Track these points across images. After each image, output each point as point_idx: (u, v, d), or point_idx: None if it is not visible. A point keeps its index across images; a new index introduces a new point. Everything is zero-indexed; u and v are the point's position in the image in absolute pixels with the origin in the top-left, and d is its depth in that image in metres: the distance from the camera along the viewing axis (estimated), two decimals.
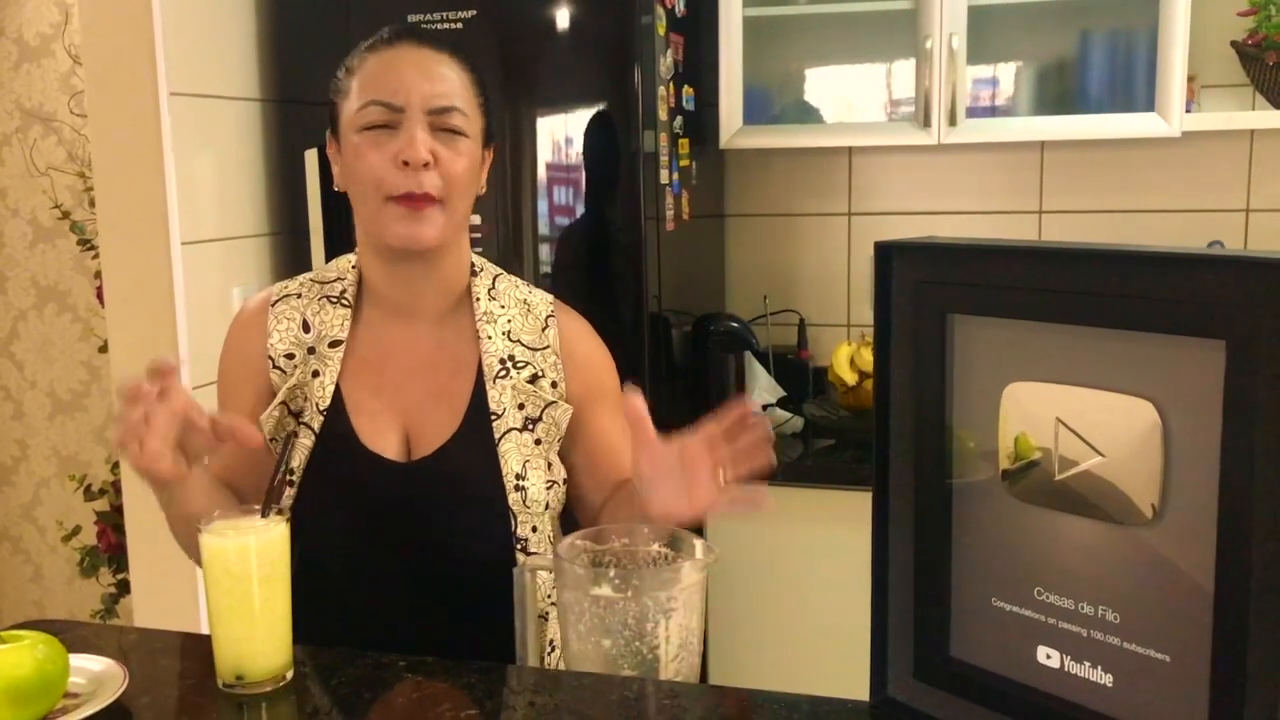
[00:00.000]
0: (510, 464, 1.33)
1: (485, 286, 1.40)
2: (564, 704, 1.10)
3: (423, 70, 1.30)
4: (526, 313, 1.41)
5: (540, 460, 1.36)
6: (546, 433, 1.38)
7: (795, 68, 2.85)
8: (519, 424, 1.35)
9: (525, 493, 1.33)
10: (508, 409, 1.35)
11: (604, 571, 1.15)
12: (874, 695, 1.05)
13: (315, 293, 1.39)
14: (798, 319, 2.94)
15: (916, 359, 0.99)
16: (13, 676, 0.99)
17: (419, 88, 1.28)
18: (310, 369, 1.35)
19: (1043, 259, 0.91)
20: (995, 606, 0.97)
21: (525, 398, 1.36)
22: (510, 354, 1.37)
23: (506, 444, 1.34)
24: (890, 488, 1.03)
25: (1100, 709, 0.90)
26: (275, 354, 1.37)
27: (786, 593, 2.49)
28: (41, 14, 3.50)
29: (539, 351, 1.39)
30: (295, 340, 1.37)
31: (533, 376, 1.38)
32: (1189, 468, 0.83)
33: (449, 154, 1.29)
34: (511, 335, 1.39)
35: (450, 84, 1.31)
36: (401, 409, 1.35)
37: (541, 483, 1.36)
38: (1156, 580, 0.86)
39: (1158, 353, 0.83)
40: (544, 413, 1.37)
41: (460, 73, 1.33)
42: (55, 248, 3.62)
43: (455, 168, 1.29)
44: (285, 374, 1.36)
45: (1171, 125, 2.42)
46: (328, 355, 1.35)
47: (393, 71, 1.29)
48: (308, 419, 1.33)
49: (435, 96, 1.28)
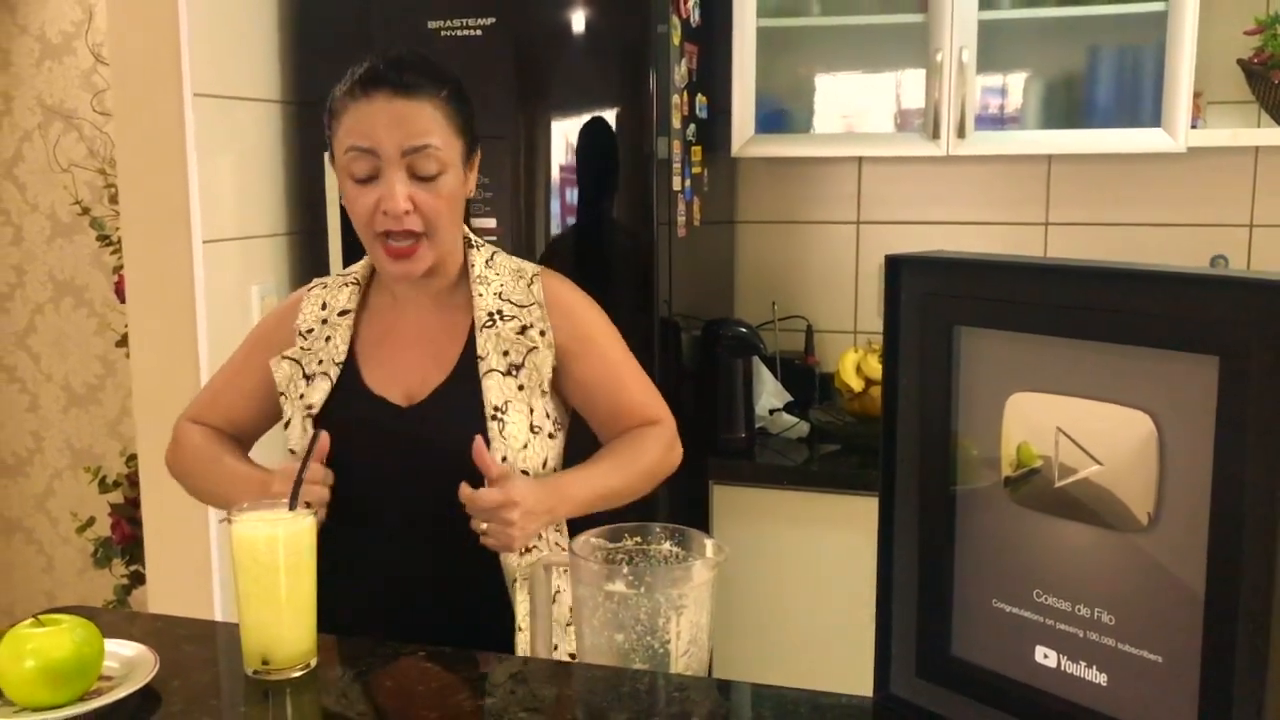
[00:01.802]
0: (490, 398, 1.48)
1: (483, 259, 1.58)
2: (577, 695, 1.14)
3: (395, 118, 1.43)
4: (517, 278, 1.58)
5: (522, 404, 1.50)
6: (528, 378, 1.52)
7: (807, 78, 2.89)
8: (502, 368, 1.51)
9: (503, 424, 1.47)
10: (491, 353, 1.51)
11: (618, 568, 1.19)
12: (877, 691, 1.09)
13: (338, 282, 1.62)
14: (805, 325, 2.98)
15: (923, 368, 1.03)
16: (52, 658, 1.04)
17: (391, 135, 1.42)
18: (324, 335, 1.56)
19: (1046, 275, 0.95)
20: (995, 607, 1.01)
21: (509, 345, 1.52)
22: (499, 309, 1.54)
23: (489, 382, 1.50)
24: (896, 492, 1.07)
25: (1095, 707, 0.94)
26: (297, 329, 1.58)
27: (791, 594, 2.53)
28: (64, 12, 3.55)
29: (526, 307, 1.55)
30: (316, 318, 1.59)
31: (521, 328, 1.53)
32: (1183, 478, 0.87)
33: (427, 196, 1.44)
34: (502, 295, 1.55)
35: (422, 126, 1.43)
36: (404, 368, 1.53)
37: (523, 423, 1.49)
38: (1150, 585, 0.90)
39: (1155, 367, 0.87)
40: (526, 358, 1.52)
41: (433, 110, 1.45)
42: (73, 243, 3.67)
43: (434, 206, 1.45)
44: (304, 337, 1.57)
45: (1177, 141, 2.45)
46: (338, 322, 1.56)
47: (367, 122, 1.43)
48: (326, 370, 1.53)
49: (406, 139, 1.42)
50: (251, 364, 1.62)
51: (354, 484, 1.45)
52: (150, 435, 2.37)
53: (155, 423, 2.36)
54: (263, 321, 1.68)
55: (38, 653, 1.04)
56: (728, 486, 2.58)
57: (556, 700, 1.14)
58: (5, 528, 3.90)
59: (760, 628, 2.53)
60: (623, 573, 1.18)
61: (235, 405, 1.63)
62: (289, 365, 1.56)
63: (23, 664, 1.03)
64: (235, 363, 1.66)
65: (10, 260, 3.75)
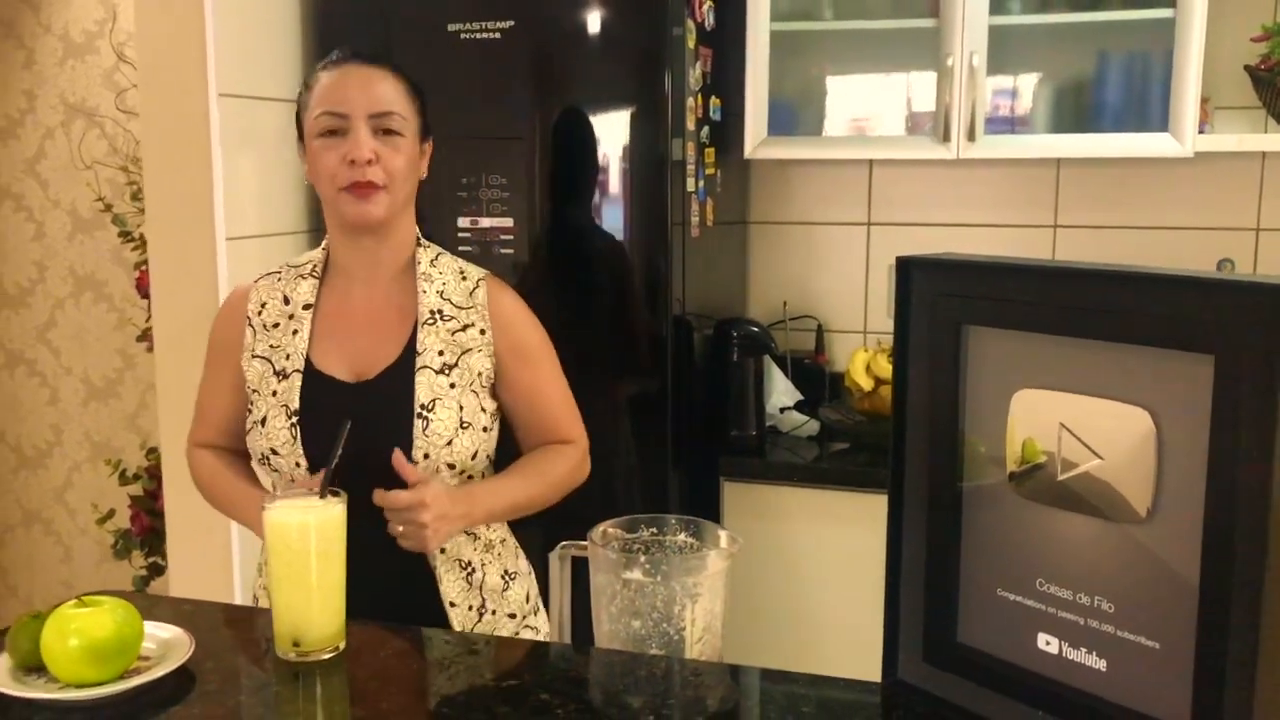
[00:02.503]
0: (419, 394, 1.57)
1: (429, 258, 1.68)
2: (596, 678, 1.19)
3: (364, 84, 1.57)
4: (460, 279, 1.68)
5: (452, 401, 1.59)
6: (460, 377, 1.60)
7: (819, 81, 2.93)
8: (436, 365, 1.60)
9: (428, 422, 1.56)
10: (428, 350, 1.60)
11: (635, 557, 1.23)
12: (885, 677, 1.13)
13: (291, 274, 1.69)
14: (816, 325, 3.02)
15: (932, 366, 1.07)
16: (95, 637, 1.08)
17: (361, 98, 1.56)
18: (291, 329, 1.64)
19: (1050, 277, 0.99)
20: (1000, 596, 1.05)
21: (445, 345, 1.61)
22: (440, 308, 1.63)
23: (420, 378, 1.58)
24: (905, 485, 1.11)
25: (1095, 691, 0.98)
26: (261, 324, 1.65)
27: (802, 588, 2.57)
28: (87, 11, 3.60)
29: (466, 310, 1.64)
30: (279, 311, 1.66)
31: (461, 327, 1.63)
32: (1180, 472, 0.91)
33: (388, 151, 1.57)
34: (444, 295, 1.65)
35: (387, 93, 1.58)
36: (356, 349, 1.63)
37: (451, 419, 1.58)
38: (1148, 574, 0.94)
39: (1153, 365, 0.91)
40: (460, 359, 1.61)
41: (396, 83, 1.60)
42: (94, 239, 3.72)
43: (394, 162, 1.57)
44: (269, 332, 1.64)
45: (1184, 146, 2.49)
46: (302, 316, 1.64)
47: (340, 86, 1.57)
48: (295, 365, 1.61)
49: (375, 103, 1.56)
50: (222, 373, 1.68)
51: (305, 457, 1.54)
52: (173, 427, 2.42)
53: (178, 415, 2.41)
54: (213, 333, 1.73)
55: (81, 632, 1.08)
56: (739, 483, 2.62)
57: (576, 683, 1.18)
58: (25, 519, 3.96)
59: (772, 622, 2.57)
60: (640, 561, 1.22)
61: (225, 415, 1.69)
62: (260, 364, 1.63)
63: (67, 642, 1.08)
64: (207, 379, 1.73)
65: (32, 256, 3.81)
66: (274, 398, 1.58)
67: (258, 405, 1.60)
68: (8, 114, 3.75)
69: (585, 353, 2.05)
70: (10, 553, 4.00)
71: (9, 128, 3.76)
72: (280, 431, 1.56)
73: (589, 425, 1.74)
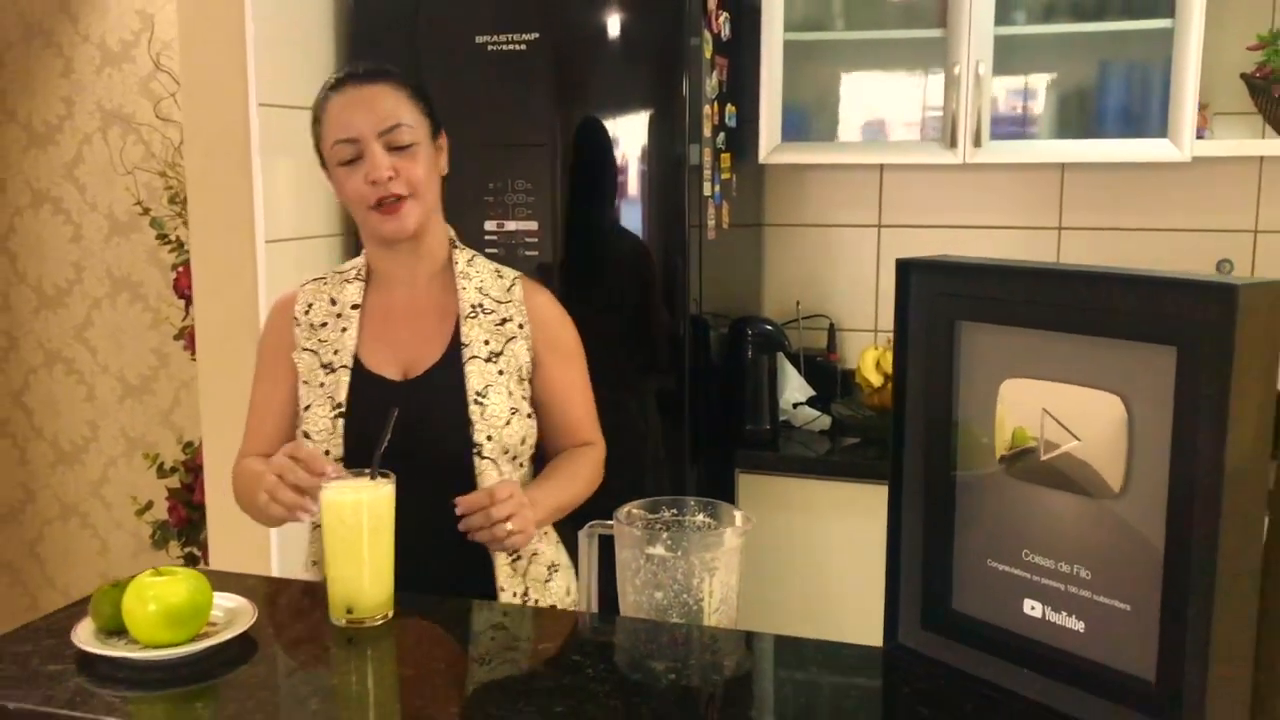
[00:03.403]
0: (472, 383, 1.67)
1: (465, 259, 1.78)
2: (622, 644, 1.30)
3: (367, 104, 1.65)
4: (496, 278, 1.77)
5: (502, 387, 1.68)
6: (508, 364, 1.70)
7: (831, 89, 3.03)
8: (484, 355, 1.69)
9: (484, 407, 1.66)
10: (474, 342, 1.70)
11: (658, 534, 1.34)
12: (887, 642, 1.23)
13: (337, 279, 1.79)
14: (828, 324, 3.12)
15: (929, 358, 1.18)
16: (170, 603, 1.20)
17: (368, 119, 1.64)
18: (340, 327, 1.73)
19: (1034, 277, 1.10)
20: (990, 566, 1.16)
21: (490, 335, 1.71)
22: (480, 303, 1.73)
23: (471, 368, 1.68)
24: (905, 467, 1.22)
25: (1074, 650, 1.09)
26: (309, 323, 1.74)
27: (814, 574, 2.67)
28: (124, 22, 3.73)
29: (505, 304, 1.74)
30: (327, 312, 1.75)
31: (501, 320, 1.72)
32: (1148, 451, 1.01)
33: (405, 163, 1.65)
34: (482, 290, 1.75)
35: (390, 106, 1.65)
36: (401, 347, 1.71)
37: (505, 404, 1.68)
38: (1121, 543, 1.04)
39: (1124, 356, 1.02)
40: (505, 347, 1.71)
41: (397, 93, 1.67)
42: (130, 241, 3.84)
43: (413, 172, 1.65)
44: (316, 330, 1.73)
45: (1183, 151, 2.58)
46: (350, 315, 1.74)
47: (346, 113, 1.65)
48: (343, 361, 1.70)
49: (381, 120, 1.64)
50: (275, 374, 1.74)
51: (357, 455, 1.57)
52: (214, 420, 2.54)
53: (219, 409, 2.54)
54: (263, 340, 1.80)
55: (158, 598, 1.20)
56: (753, 475, 2.73)
57: (605, 647, 1.29)
58: (63, 512, 4.09)
59: (786, 606, 2.67)
60: (662, 538, 1.33)
61: (277, 424, 1.74)
62: (309, 356, 1.72)
63: (146, 607, 1.19)
64: (259, 390, 1.77)
65: (70, 258, 3.94)
66: (320, 389, 1.67)
67: (304, 395, 1.68)
68: (47, 121, 3.88)
69: (607, 350, 2.16)
70: (49, 545, 4.13)
71: (48, 134, 3.89)
72: (321, 420, 1.65)
73: (611, 419, 1.85)
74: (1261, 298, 0.93)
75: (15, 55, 3.87)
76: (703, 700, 1.16)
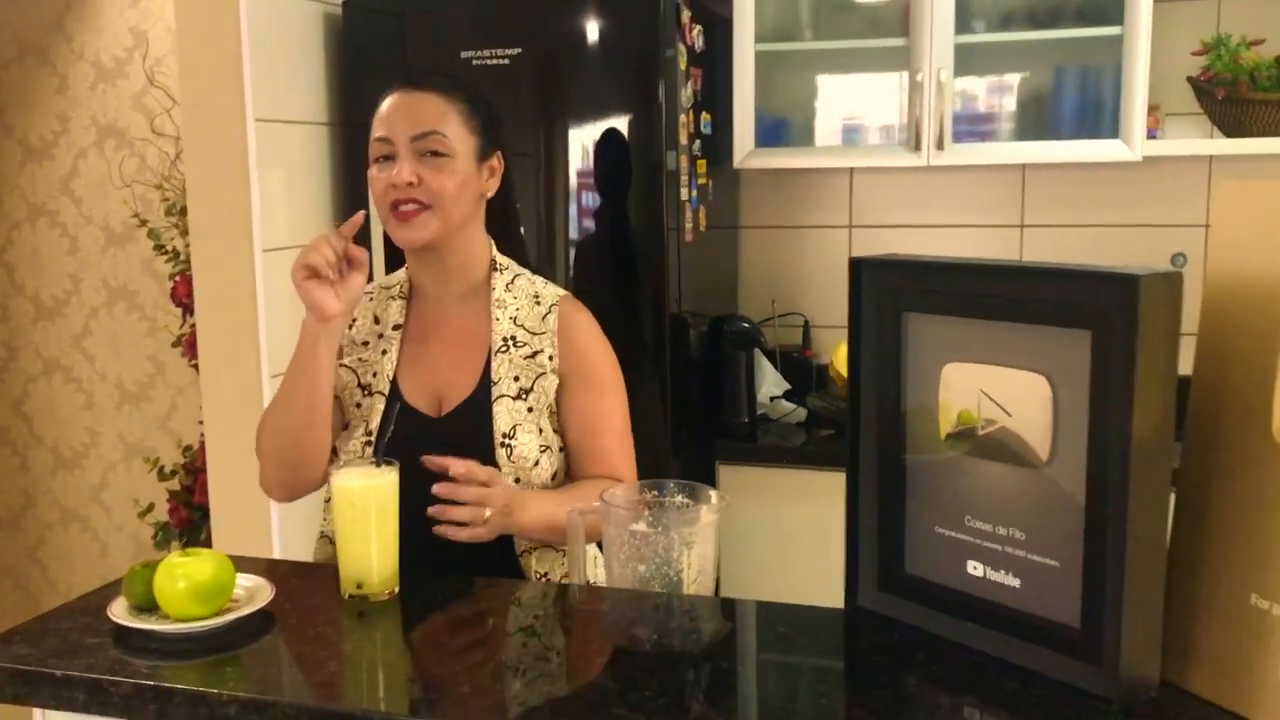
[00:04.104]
0: (499, 424, 1.66)
1: (504, 282, 1.75)
2: (609, 611, 1.42)
3: (407, 109, 1.65)
4: (534, 304, 1.74)
5: (531, 425, 1.68)
6: (537, 401, 1.69)
7: (801, 97, 3.17)
8: (513, 393, 1.68)
9: (511, 450, 1.66)
10: (503, 379, 1.69)
11: (641, 512, 1.47)
12: (848, 603, 1.36)
13: (383, 295, 1.80)
14: (803, 321, 3.25)
15: (880, 347, 1.31)
16: (198, 580, 1.32)
17: (402, 124, 1.64)
18: (380, 349, 1.74)
19: (970, 272, 1.23)
20: (938, 533, 1.28)
21: (520, 370, 1.69)
22: (513, 335, 1.71)
23: (499, 407, 1.67)
24: (861, 445, 1.34)
25: (1011, 604, 1.21)
26: (352, 339, 1.76)
27: (790, 558, 2.80)
28: (117, 39, 3.84)
29: (538, 335, 1.72)
30: (369, 330, 1.77)
31: (532, 353, 1.70)
32: (1070, 424, 1.14)
33: (432, 173, 1.63)
34: (517, 321, 1.72)
35: (430, 115, 1.64)
36: (436, 373, 1.71)
37: (534, 443, 1.67)
38: (1049, 507, 1.17)
39: (1048, 340, 1.15)
40: (535, 383, 1.70)
41: (445, 104, 1.66)
42: (125, 252, 3.95)
43: (439, 183, 1.63)
44: (358, 347, 1.75)
45: (1134, 151, 2.73)
46: (392, 337, 1.74)
47: (388, 113, 1.66)
48: (381, 387, 1.71)
49: (415, 125, 1.64)
50: None
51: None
52: (217, 421, 2.66)
53: (221, 411, 2.65)
54: None
55: (187, 575, 1.32)
56: (732, 466, 2.86)
57: (595, 614, 1.42)
58: (63, 518, 4.19)
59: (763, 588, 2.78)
60: (644, 516, 1.46)
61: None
62: (345, 373, 1.73)
63: (176, 585, 1.31)
64: None
65: (67, 269, 4.04)
66: (357, 409, 1.71)
67: (345, 411, 1.72)
68: (42, 136, 3.98)
69: None
70: (50, 549, 4.23)
71: (44, 149, 3.99)
72: (353, 442, 1.68)
73: None
74: (1160, 286, 1.06)
75: (11, 73, 3.97)
76: (683, 659, 1.28)
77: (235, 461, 2.61)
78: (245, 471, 2.28)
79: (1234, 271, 1.14)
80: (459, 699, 1.16)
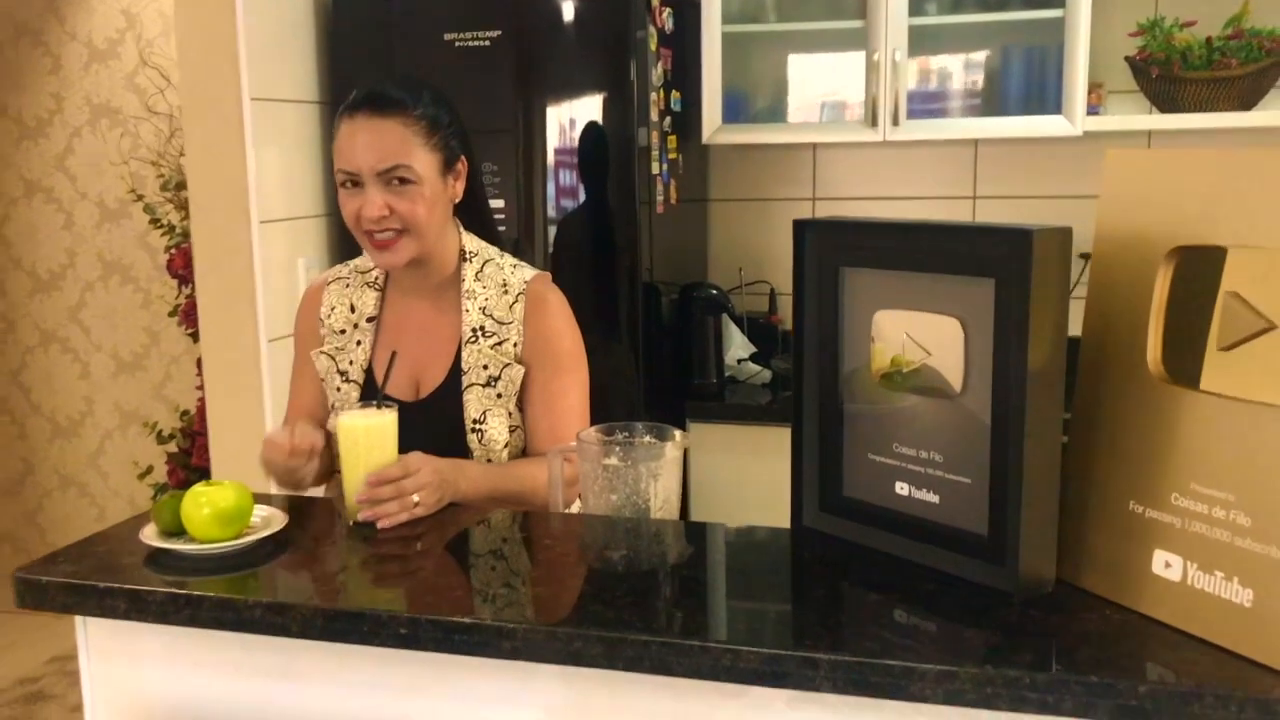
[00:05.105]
0: (470, 411, 1.78)
1: (474, 271, 1.82)
2: (585, 533, 1.61)
3: (371, 140, 1.67)
4: (503, 293, 1.81)
5: (501, 410, 1.79)
6: (505, 388, 1.80)
7: (766, 76, 3.34)
8: (482, 381, 1.79)
9: (482, 434, 1.78)
10: (473, 368, 1.79)
11: (613, 448, 1.65)
12: (794, 523, 1.55)
13: (359, 280, 1.89)
14: (769, 288, 3.43)
15: (820, 299, 1.49)
16: (220, 506, 1.49)
17: (368, 157, 1.67)
18: (355, 339, 1.85)
19: (896, 230, 1.42)
20: (870, 459, 1.47)
21: (489, 360, 1.79)
22: (481, 325, 1.79)
23: (469, 395, 1.78)
24: (804, 385, 1.53)
25: (932, 519, 1.40)
26: (330, 327, 1.86)
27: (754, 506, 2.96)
28: (109, 21, 3.97)
29: (506, 325, 1.81)
30: (346, 319, 1.87)
31: (499, 342, 1.80)
32: (978, 360, 1.32)
33: (403, 201, 1.69)
34: (486, 311, 1.80)
35: (392, 148, 1.67)
36: (412, 361, 1.81)
37: (503, 427, 1.79)
38: (963, 432, 1.36)
39: (961, 288, 1.33)
40: (503, 371, 1.80)
41: (405, 130, 1.68)
42: (120, 227, 4.10)
43: (409, 209, 1.69)
44: (336, 336, 1.85)
45: (1075, 126, 2.91)
46: (366, 328, 1.85)
47: (350, 143, 1.69)
48: (356, 377, 1.83)
49: (381, 159, 1.67)
50: (306, 360, 1.90)
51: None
52: (216, 384, 2.82)
53: (221, 374, 2.82)
54: (296, 326, 1.94)
55: (211, 502, 1.49)
56: (702, 424, 3.04)
57: (572, 537, 1.60)
58: (61, 483, 4.35)
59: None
60: (616, 451, 1.64)
61: (314, 398, 1.90)
62: (326, 360, 1.85)
63: (201, 510, 1.49)
64: (295, 368, 1.94)
65: (63, 244, 4.19)
66: (337, 393, 1.84)
67: (328, 395, 1.87)
68: (37, 115, 4.12)
69: None
70: (49, 515, 4.39)
71: (39, 128, 4.13)
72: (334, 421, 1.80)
73: None
74: (1051, 240, 1.25)
75: (5, 54, 4.11)
76: (650, 574, 1.46)
77: (234, 422, 2.77)
78: (244, 433, 2.47)
79: (1118, 229, 1.32)
80: (454, 599, 1.35)
